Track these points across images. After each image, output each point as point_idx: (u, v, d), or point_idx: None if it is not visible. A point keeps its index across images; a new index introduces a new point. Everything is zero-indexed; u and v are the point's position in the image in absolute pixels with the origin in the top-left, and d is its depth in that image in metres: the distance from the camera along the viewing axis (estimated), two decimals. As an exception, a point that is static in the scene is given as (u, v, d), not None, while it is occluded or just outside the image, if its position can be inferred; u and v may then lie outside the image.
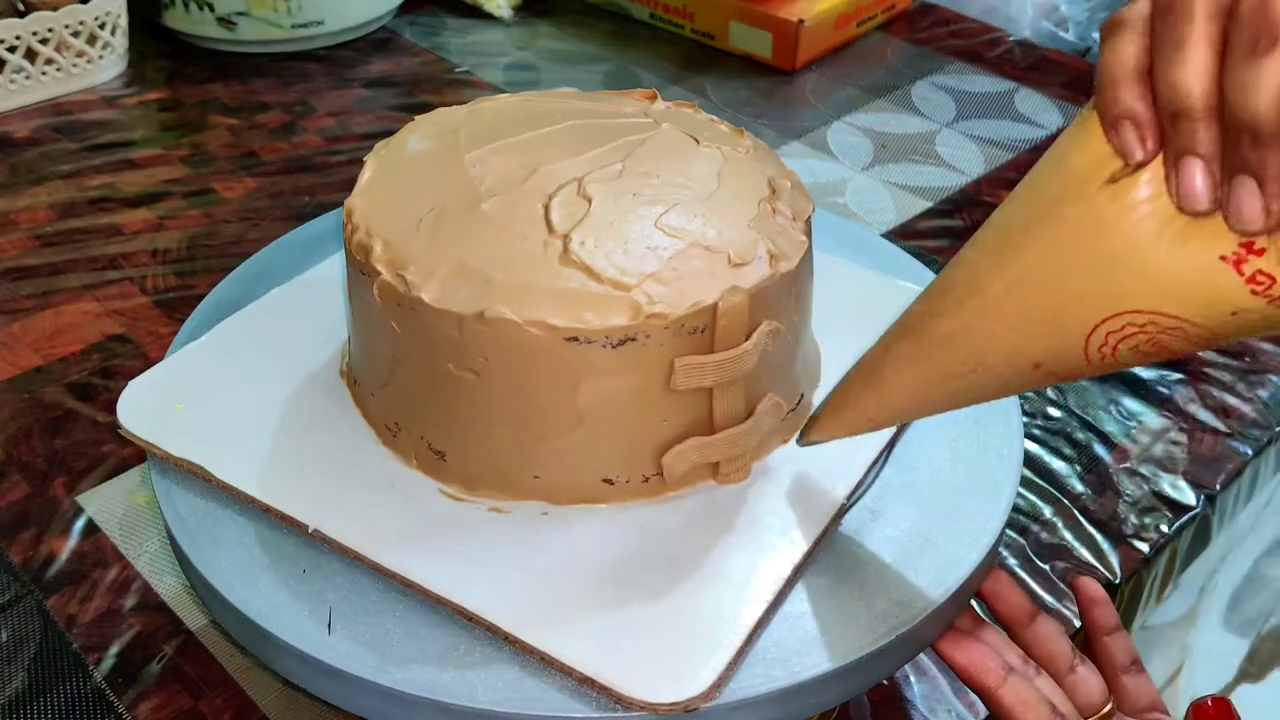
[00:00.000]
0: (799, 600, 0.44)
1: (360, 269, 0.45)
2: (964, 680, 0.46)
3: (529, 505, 0.46)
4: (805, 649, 0.42)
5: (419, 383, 0.45)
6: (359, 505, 0.46)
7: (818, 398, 0.51)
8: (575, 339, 0.42)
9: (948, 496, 0.48)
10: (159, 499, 0.47)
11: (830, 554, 0.46)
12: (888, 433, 0.50)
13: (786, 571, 0.44)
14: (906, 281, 0.58)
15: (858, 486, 0.48)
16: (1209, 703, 0.43)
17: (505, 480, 0.46)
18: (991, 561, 0.48)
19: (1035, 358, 0.38)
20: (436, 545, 0.44)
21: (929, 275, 0.60)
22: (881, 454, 0.49)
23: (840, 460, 0.48)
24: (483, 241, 0.44)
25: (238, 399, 0.50)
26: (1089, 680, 0.48)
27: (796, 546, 0.45)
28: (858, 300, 0.56)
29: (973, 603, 0.50)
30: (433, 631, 0.42)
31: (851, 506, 0.47)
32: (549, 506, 0.46)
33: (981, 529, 0.47)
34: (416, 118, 0.52)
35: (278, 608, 0.43)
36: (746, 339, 0.44)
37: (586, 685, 0.40)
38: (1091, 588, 0.51)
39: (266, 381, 0.51)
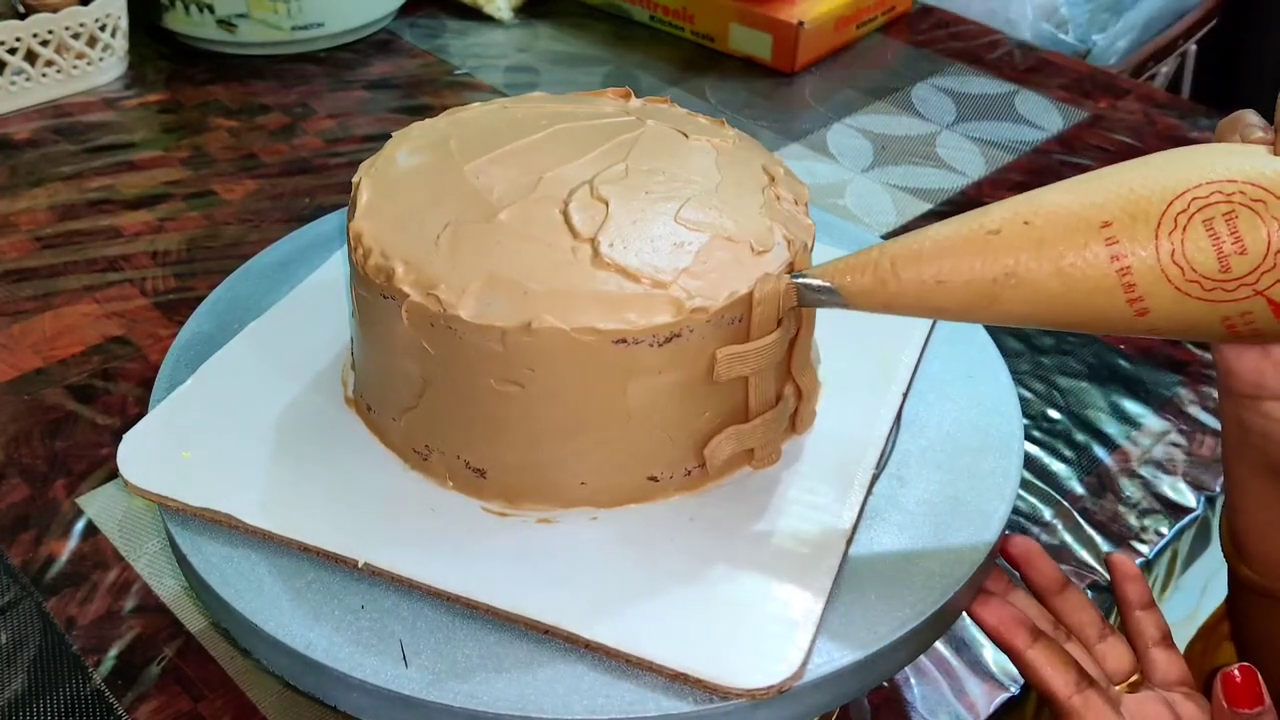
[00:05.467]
0: (852, 573, 0.45)
1: (381, 293, 0.44)
2: (993, 640, 0.47)
3: (576, 512, 0.46)
4: (873, 618, 0.43)
5: (454, 402, 0.45)
6: (404, 533, 0.45)
7: (819, 375, 0.52)
8: (623, 340, 0.42)
9: (964, 457, 0.50)
10: (187, 554, 0.45)
11: (870, 523, 0.47)
12: (897, 398, 0.51)
13: (842, 544, 0.45)
14: None
15: (881, 456, 0.49)
16: (1236, 672, 0.43)
17: (551, 490, 0.46)
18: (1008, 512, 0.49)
19: (1107, 214, 0.38)
20: (494, 563, 0.44)
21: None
22: (893, 424, 0.51)
23: (860, 433, 0.49)
24: (509, 252, 0.44)
25: (243, 440, 0.49)
26: (1117, 648, 0.49)
27: (845, 518, 0.46)
28: None
29: (1004, 566, 0.51)
30: (508, 649, 0.42)
31: (879, 475, 0.49)
32: (597, 511, 0.46)
33: (1002, 484, 0.48)
34: (395, 133, 0.51)
35: (338, 646, 0.42)
36: (778, 325, 0.44)
37: (679, 681, 0.41)
38: (1125, 564, 0.52)
39: (268, 417, 0.50)
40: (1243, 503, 0.48)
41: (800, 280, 0.44)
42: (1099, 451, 0.69)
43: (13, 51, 0.94)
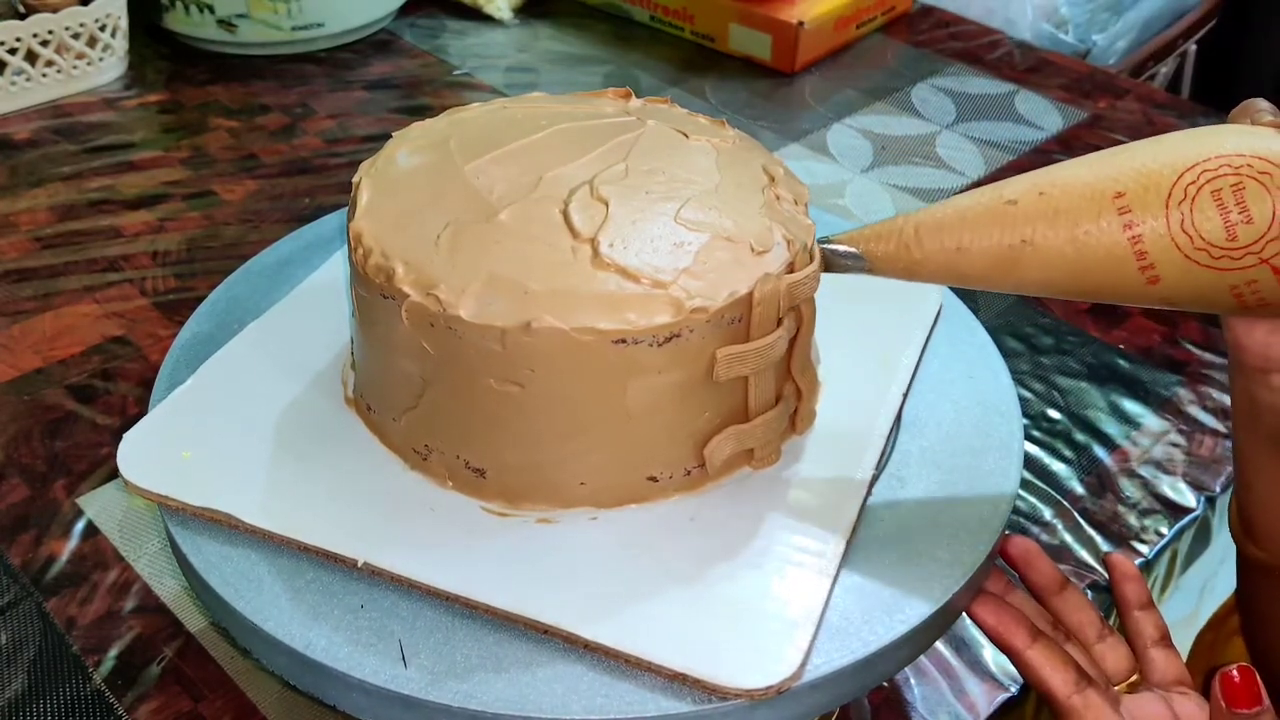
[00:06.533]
0: (851, 573, 0.45)
1: (381, 293, 0.44)
2: (993, 640, 0.47)
3: (576, 512, 0.46)
4: (872, 619, 0.43)
5: (454, 402, 0.45)
6: (404, 533, 0.45)
7: (819, 374, 0.52)
8: (623, 341, 0.42)
9: (964, 456, 0.50)
10: (187, 553, 0.46)
11: (870, 523, 0.47)
12: (897, 398, 0.51)
13: (841, 544, 0.45)
14: None
15: (881, 456, 0.49)
16: (1234, 672, 0.43)
17: (551, 490, 0.46)
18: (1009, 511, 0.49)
19: (1120, 186, 0.39)
20: (493, 563, 0.44)
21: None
22: (893, 425, 0.51)
23: (860, 433, 0.50)
24: (509, 252, 0.44)
25: (243, 440, 0.49)
26: (1116, 649, 0.49)
27: (844, 519, 0.46)
28: (849, 283, 0.56)
29: (1003, 567, 0.51)
30: (507, 649, 0.42)
31: (879, 475, 0.49)
32: (596, 511, 0.46)
33: (1001, 485, 0.48)
34: (395, 134, 0.51)
35: (337, 646, 0.42)
36: (778, 325, 0.45)
37: (678, 681, 0.41)
38: (1124, 564, 0.53)
39: (268, 417, 0.50)
40: (1252, 480, 0.48)
41: (827, 246, 0.45)
42: (1099, 451, 0.69)
43: (13, 51, 0.94)
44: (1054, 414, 0.71)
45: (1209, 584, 0.75)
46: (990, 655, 0.58)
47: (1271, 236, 0.38)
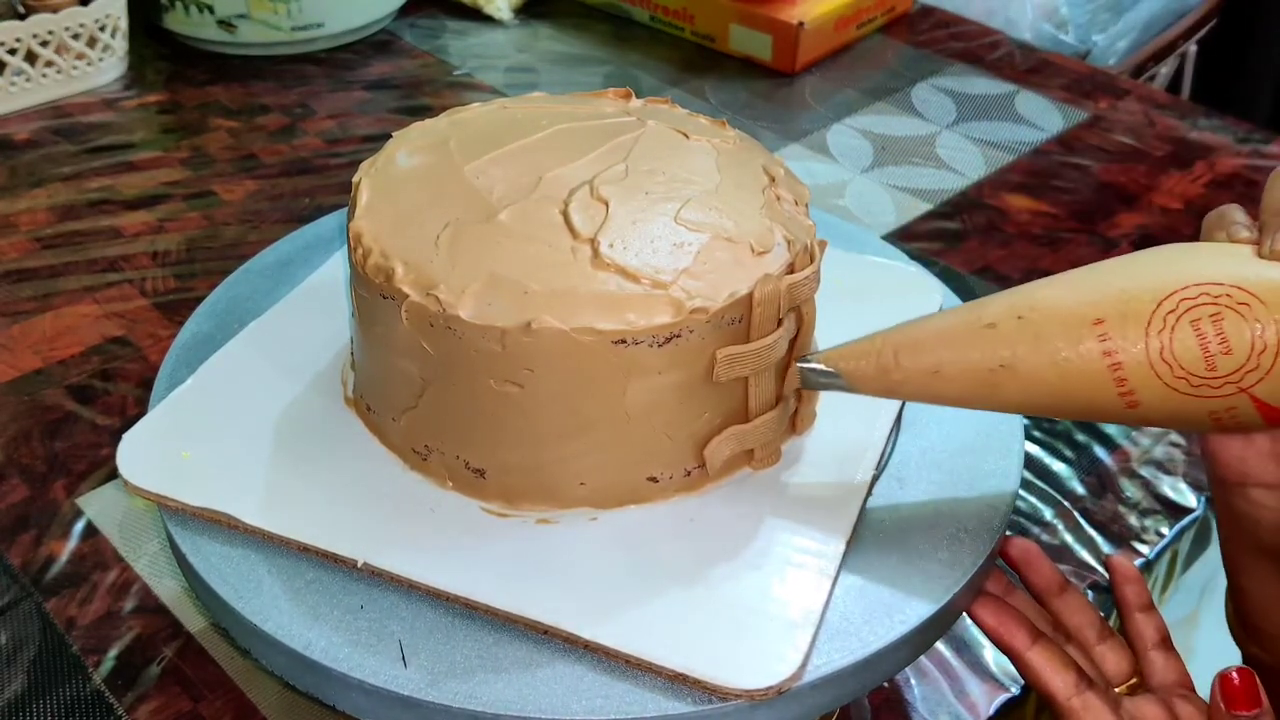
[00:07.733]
0: (851, 573, 0.45)
1: (381, 293, 0.44)
2: (993, 641, 0.47)
3: (576, 513, 0.46)
4: (872, 619, 0.43)
5: (454, 402, 0.45)
6: (404, 534, 0.45)
7: None
8: (623, 341, 0.42)
9: (964, 456, 0.50)
10: (186, 554, 0.46)
11: (870, 524, 0.47)
12: (896, 402, 0.51)
13: (841, 544, 0.45)
14: (883, 258, 0.59)
15: (881, 456, 0.49)
16: (1234, 675, 0.43)
17: (551, 490, 0.46)
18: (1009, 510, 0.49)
19: (1100, 312, 0.39)
20: (493, 563, 0.44)
21: (928, 278, 0.60)
22: (893, 425, 0.51)
23: (861, 434, 0.49)
24: (509, 252, 0.44)
25: (243, 440, 0.49)
26: (1117, 651, 0.49)
27: (845, 520, 0.46)
28: (850, 283, 0.56)
29: (1003, 568, 0.51)
30: (507, 649, 0.42)
31: (879, 476, 0.49)
32: (596, 511, 0.46)
33: (1001, 485, 0.48)
34: (395, 133, 0.51)
35: (337, 646, 0.42)
36: (778, 326, 0.45)
37: (678, 681, 0.41)
38: (1125, 566, 0.53)
39: (267, 417, 0.50)
40: (1244, 583, 0.48)
41: (804, 365, 0.46)
42: (1099, 451, 0.69)
43: (13, 52, 0.94)
44: (1054, 414, 0.71)
45: (1209, 584, 0.75)
46: (991, 655, 0.58)
47: (1250, 367, 0.38)
